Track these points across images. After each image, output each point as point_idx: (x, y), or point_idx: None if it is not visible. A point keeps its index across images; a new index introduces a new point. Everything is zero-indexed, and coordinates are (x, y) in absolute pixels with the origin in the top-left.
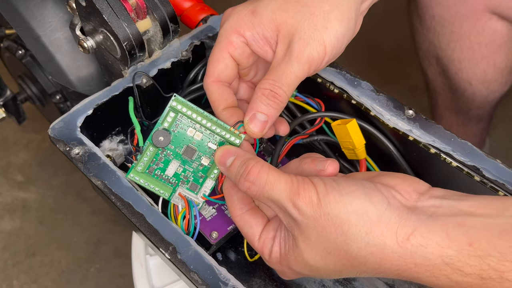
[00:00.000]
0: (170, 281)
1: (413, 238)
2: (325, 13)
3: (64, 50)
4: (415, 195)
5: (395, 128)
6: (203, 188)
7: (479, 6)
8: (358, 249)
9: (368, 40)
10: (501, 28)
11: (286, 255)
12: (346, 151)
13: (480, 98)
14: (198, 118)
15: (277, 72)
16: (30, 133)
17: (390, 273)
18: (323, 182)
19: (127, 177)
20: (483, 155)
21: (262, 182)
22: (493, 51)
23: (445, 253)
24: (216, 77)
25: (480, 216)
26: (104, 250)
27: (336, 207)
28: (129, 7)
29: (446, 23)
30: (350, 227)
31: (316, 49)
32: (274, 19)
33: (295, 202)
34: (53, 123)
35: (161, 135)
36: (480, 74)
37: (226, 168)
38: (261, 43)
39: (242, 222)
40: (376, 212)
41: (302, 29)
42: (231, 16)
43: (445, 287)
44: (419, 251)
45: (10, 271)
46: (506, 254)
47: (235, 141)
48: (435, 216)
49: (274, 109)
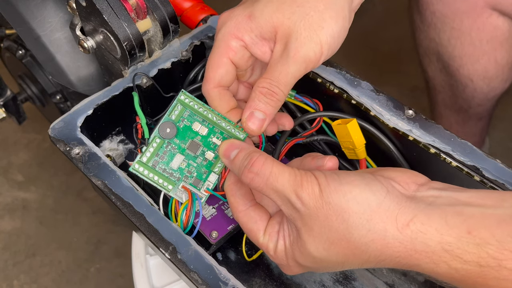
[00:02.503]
0: (170, 281)
1: (412, 224)
2: (320, 13)
3: (64, 50)
4: (414, 186)
5: (395, 128)
6: (207, 183)
7: (479, 2)
8: (360, 237)
9: (368, 40)
10: (502, 24)
11: (291, 247)
12: (346, 150)
13: (481, 95)
14: (204, 112)
15: (275, 72)
16: (30, 133)
17: (391, 261)
18: (324, 174)
19: (131, 169)
20: (483, 155)
21: (267, 173)
22: (494, 48)
23: (445, 239)
24: (217, 82)
25: (478, 207)
26: (104, 250)
27: (337, 196)
28: (129, 7)
29: (447, 20)
30: (351, 215)
31: (312, 49)
32: (271, 21)
33: (299, 193)
34: (53, 123)
35: (168, 127)
36: (481, 70)
37: (230, 160)
38: (260, 44)
39: (246, 218)
40: (376, 199)
41: (298, 29)
42: (229, 21)
43: (444, 274)
44: (419, 237)
45: (10, 271)
46: (504, 243)
47: (239, 136)
48: (434, 205)
49: (272, 107)
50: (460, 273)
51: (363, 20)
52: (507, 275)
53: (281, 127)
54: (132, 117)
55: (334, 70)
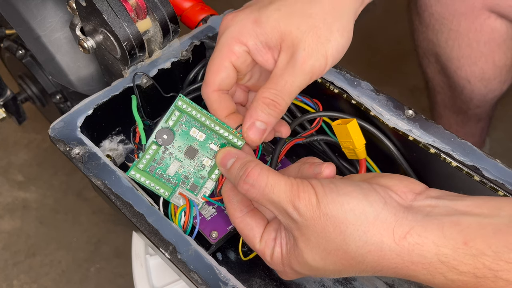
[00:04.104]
0: (170, 281)
1: (409, 236)
2: (329, 25)
3: (64, 50)
4: (411, 195)
5: (395, 128)
6: (203, 189)
7: (477, 4)
8: (357, 248)
9: (368, 40)
10: (500, 26)
11: (287, 255)
12: (346, 151)
13: (479, 96)
14: (202, 118)
15: (280, 82)
16: (30, 133)
17: (388, 271)
18: (321, 184)
19: (128, 175)
20: (482, 155)
21: (262, 184)
22: (492, 49)
23: (441, 251)
24: (217, 86)
25: (475, 216)
26: (104, 250)
27: (334, 207)
28: (129, 7)
29: (445, 21)
30: (348, 227)
31: (318, 61)
32: (278, 29)
33: (296, 204)
34: (53, 123)
35: (165, 133)
36: (478, 72)
37: (227, 169)
38: (263, 51)
39: (243, 224)
40: (373, 211)
41: (307, 40)
42: (233, 24)
43: (440, 285)
44: (416, 249)
45: (10, 271)
46: (500, 254)
47: (237, 143)
48: (431, 215)
49: (273, 117)
50: (456, 284)
51: (363, 20)
52: (503, 286)
53: (278, 134)
54: (132, 117)
55: (334, 70)
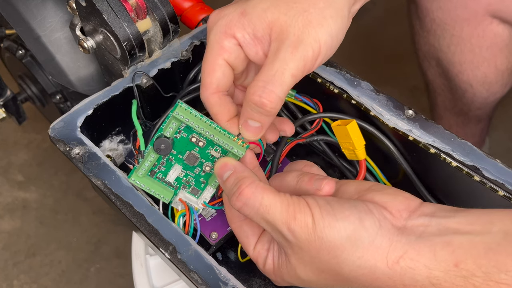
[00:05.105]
0: (170, 281)
1: (402, 261)
2: (320, 10)
3: (64, 50)
4: (405, 213)
5: (395, 128)
6: (204, 195)
7: (480, 10)
8: (350, 271)
9: (368, 40)
10: (502, 31)
11: (279, 268)
12: (346, 151)
13: (480, 99)
14: (200, 128)
15: (269, 71)
16: (30, 133)
17: None
18: (318, 206)
19: (128, 179)
20: (483, 155)
21: (256, 204)
22: (494, 54)
23: (432, 274)
24: (215, 88)
25: (467, 234)
26: (104, 250)
27: (330, 232)
28: (129, 7)
29: (447, 27)
30: (343, 252)
31: (311, 45)
32: (265, 18)
33: (291, 226)
34: (53, 123)
35: (163, 143)
36: (480, 76)
37: (223, 181)
38: (252, 43)
39: (239, 230)
40: (368, 236)
41: (296, 25)
42: (220, 19)
43: None
44: (408, 273)
45: (10, 271)
46: (490, 274)
47: (237, 153)
48: (423, 237)
49: (265, 116)
50: None
51: (363, 20)
52: None
53: (282, 133)
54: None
55: (334, 70)
